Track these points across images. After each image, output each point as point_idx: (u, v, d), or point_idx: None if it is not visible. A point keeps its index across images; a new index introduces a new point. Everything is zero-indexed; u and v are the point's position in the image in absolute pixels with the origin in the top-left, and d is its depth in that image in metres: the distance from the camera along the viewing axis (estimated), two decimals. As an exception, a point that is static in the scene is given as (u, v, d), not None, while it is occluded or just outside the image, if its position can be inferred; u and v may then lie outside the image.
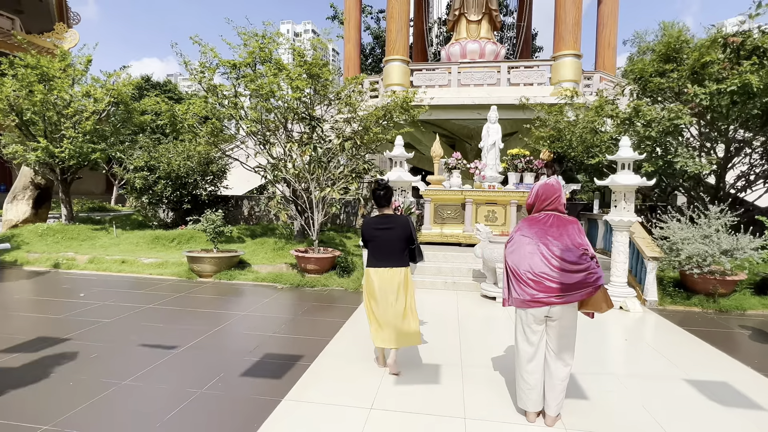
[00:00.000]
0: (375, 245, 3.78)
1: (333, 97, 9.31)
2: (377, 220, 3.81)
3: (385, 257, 3.72)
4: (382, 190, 3.82)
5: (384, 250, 3.73)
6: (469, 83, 15.62)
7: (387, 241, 3.72)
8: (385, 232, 3.73)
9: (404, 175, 6.79)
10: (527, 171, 9.57)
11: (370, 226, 3.81)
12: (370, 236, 3.79)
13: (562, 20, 15.05)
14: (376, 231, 3.76)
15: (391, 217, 3.83)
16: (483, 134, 9.93)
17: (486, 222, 9.39)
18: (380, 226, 3.76)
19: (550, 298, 2.95)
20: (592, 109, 8.95)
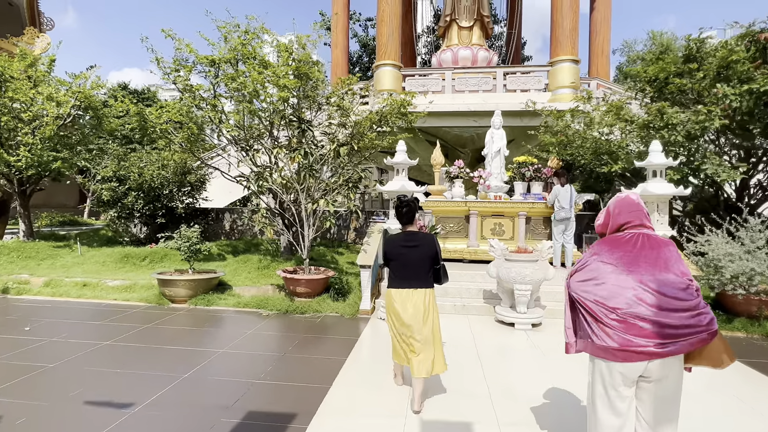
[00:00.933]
0: (398, 264, 3.57)
1: (323, 101, 8.48)
2: (402, 237, 3.62)
3: (408, 277, 3.52)
4: (405, 207, 3.63)
5: (408, 270, 3.53)
6: (464, 89, 14.98)
7: (412, 260, 3.52)
8: (411, 250, 3.53)
9: (408, 185, 5.97)
10: (535, 180, 8.83)
11: (396, 243, 3.60)
12: (395, 254, 3.57)
13: (559, 24, 14.57)
14: (401, 249, 3.56)
15: (416, 234, 3.63)
16: (487, 140, 9.19)
17: (493, 236, 8.59)
18: (406, 244, 3.56)
19: (647, 348, 2.12)
20: (607, 113, 8.28)
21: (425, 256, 3.54)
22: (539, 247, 6.07)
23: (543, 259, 5.97)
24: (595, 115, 8.90)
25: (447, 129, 15.22)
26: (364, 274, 6.37)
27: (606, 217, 2.56)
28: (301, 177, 6.39)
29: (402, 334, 3.49)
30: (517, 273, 5.81)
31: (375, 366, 4.45)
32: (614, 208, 2.53)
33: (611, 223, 2.50)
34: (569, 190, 7.92)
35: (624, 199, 2.54)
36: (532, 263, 5.88)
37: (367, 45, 29.81)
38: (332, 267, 8.37)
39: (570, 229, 7.94)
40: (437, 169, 8.93)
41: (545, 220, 8.54)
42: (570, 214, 7.87)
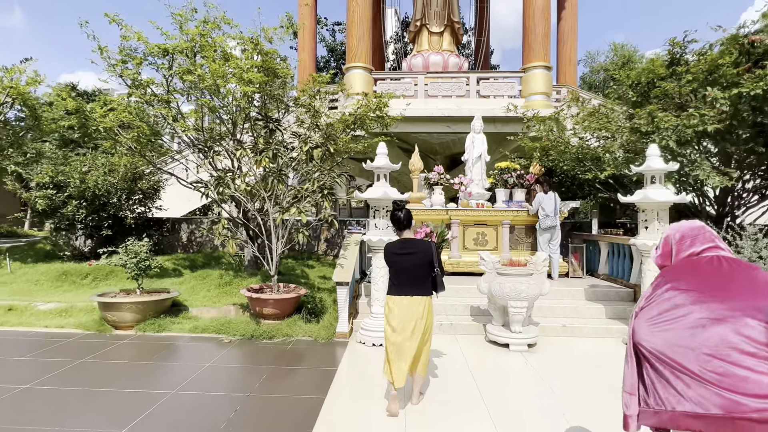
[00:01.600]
0: (395, 271, 3.60)
1: (291, 103, 7.75)
2: (398, 244, 3.64)
3: (405, 284, 3.52)
4: (401, 212, 3.65)
5: (404, 277, 3.53)
6: (437, 94, 14.58)
7: (408, 267, 3.52)
8: (407, 257, 3.53)
9: (391, 192, 5.33)
10: (518, 187, 8.41)
11: (391, 250, 3.62)
12: (390, 262, 3.60)
13: (531, 30, 14.46)
14: (395, 256, 3.57)
15: (412, 241, 3.65)
16: (467, 145, 8.71)
17: (475, 246, 8.07)
18: (401, 251, 3.56)
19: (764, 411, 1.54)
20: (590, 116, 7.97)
21: (422, 263, 3.51)
22: (533, 260, 5.57)
23: (538, 272, 5.47)
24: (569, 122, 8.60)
25: (417, 134, 14.72)
26: (341, 292, 5.66)
27: (666, 247, 2.03)
28: (269, 183, 5.63)
29: (397, 338, 3.44)
30: (512, 288, 5.27)
31: (360, 405, 3.76)
32: (682, 237, 2.00)
33: (681, 253, 1.96)
34: (553, 198, 7.54)
35: (693, 225, 2.02)
36: (527, 277, 5.36)
37: (334, 50, 29.21)
38: (303, 283, 7.60)
39: (556, 238, 7.54)
40: (416, 176, 8.36)
41: (529, 228, 8.11)
42: (555, 222, 7.48)
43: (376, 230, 5.47)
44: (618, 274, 7.33)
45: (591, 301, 6.67)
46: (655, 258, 2.07)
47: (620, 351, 5.40)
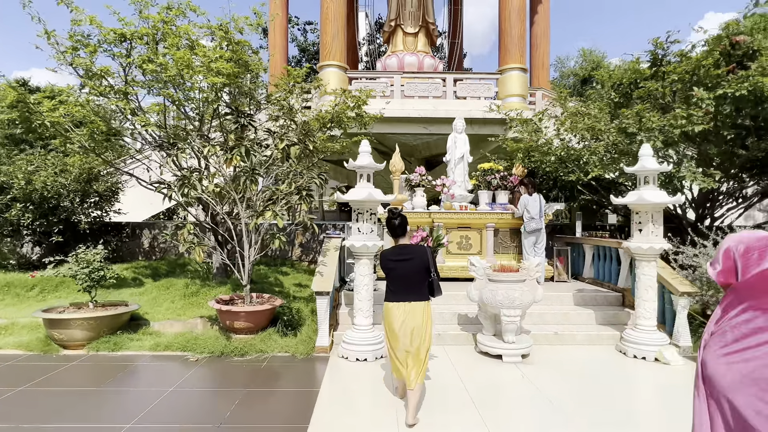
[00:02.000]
0: (392, 278, 3.62)
1: (264, 100, 7.23)
2: (394, 251, 3.67)
3: (403, 290, 3.56)
4: (397, 219, 3.69)
5: (402, 283, 3.57)
6: (414, 95, 14.30)
7: (405, 274, 3.56)
8: (403, 263, 3.56)
9: (375, 193, 4.91)
10: (501, 189, 8.16)
11: (387, 257, 3.65)
12: (387, 267, 3.62)
13: (507, 32, 14.40)
14: (392, 262, 3.60)
15: (408, 247, 3.68)
16: (449, 146, 8.40)
17: (459, 250, 7.75)
18: (397, 258, 3.60)
19: None
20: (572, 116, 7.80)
21: (418, 269, 3.54)
22: (526, 265, 5.27)
23: (531, 278, 5.17)
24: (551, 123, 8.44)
25: (394, 136, 14.37)
26: (321, 303, 5.19)
27: (728, 261, 1.70)
28: (241, 183, 5.11)
29: (396, 349, 3.49)
30: (504, 296, 4.95)
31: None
32: (747, 249, 1.68)
33: (750, 268, 1.64)
34: (538, 200, 7.31)
35: (759, 235, 1.71)
36: (520, 284, 5.05)
37: (306, 50, 28.61)
38: (277, 292, 7.06)
39: (541, 241, 7.31)
40: (396, 177, 7.97)
41: (513, 232, 7.86)
42: (541, 224, 7.25)
43: (359, 235, 5.04)
44: (604, 278, 7.16)
45: (580, 306, 6.45)
46: (715, 275, 1.74)
47: (615, 359, 5.16)
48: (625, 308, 6.34)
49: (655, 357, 5.05)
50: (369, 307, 5.11)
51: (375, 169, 5.13)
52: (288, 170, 5.61)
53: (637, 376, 4.72)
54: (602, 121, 7.20)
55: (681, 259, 5.88)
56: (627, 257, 6.55)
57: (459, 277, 7.45)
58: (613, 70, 7.98)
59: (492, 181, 8.08)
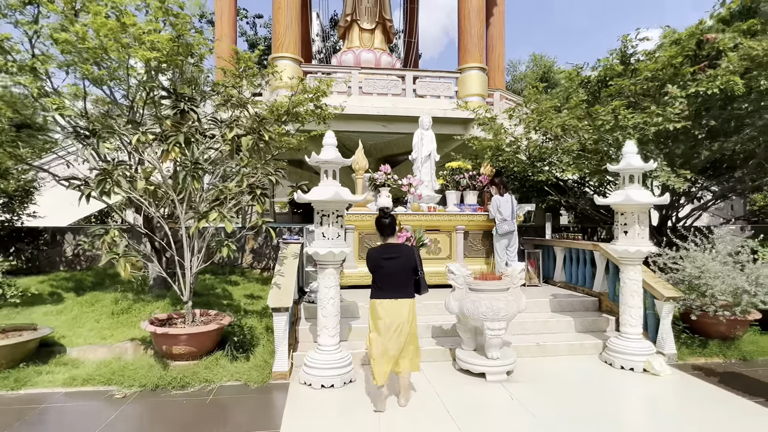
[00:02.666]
0: (380, 276, 3.74)
1: (209, 88, 6.35)
2: (383, 249, 3.80)
3: (390, 288, 3.70)
4: (387, 218, 3.82)
5: (390, 281, 3.71)
6: (372, 92, 13.71)
7: (393, 272, 3.71)
8: (391, 261, 3.72)
9: (343, 192, 4.23)
10: (469, 189, 7.72)
11: (376, 255, 3.77)
12: (376, 266, 3.75)
13: (467, 31, 14.18)
14: (382, 261, 3.73)
15: (396, 246, 3.84)
16: (414, 143, 7.86)
17: (428, 254, 7.22)
18: (386, 256, 3.74)
19: None
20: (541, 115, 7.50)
21: (406, 267, 3.74)
22: (509, 272, 4.79)
23: (515, 286, 4.70)
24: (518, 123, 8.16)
25: (350, 134, 13.68)
26: (279, 321, 4.44)
27: None
28: (180, 180, 4.24)
29: (381, 339, 3.61)
30: (488, 307, 4.44)
31: None
32: None
33: None
34: (510, 200, 6.92)
35: None
36: (504, 293, 4.57)
37: (255, 44, 27.27)
38: (226, 306, 6.19)
39: (513, 244, 6.92)
40: (360, 176, 7.31)
41: (484, 235, 7.44)
42: (513, 226, 6.87)
43: (323, 241, 4.34)
44: (577, 282, 6.89)
45: (558, 313, 6.09)
46: None
47: (604, 371, 4.80)
48: (602, 314, 6.05)
49: (644, 368, 4.73)
50: (335, 324, 4.42)
51: (342, 165, 4.45)
52: (238, 166, 4.80)
53: (632, 390, 4.36)
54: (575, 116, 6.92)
55: (661, 262, 5.66)
56: (603, 260, 6.29)
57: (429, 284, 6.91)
58: (581, 67, 7.76)
59: (461, 180, 7.62)
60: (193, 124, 4.23)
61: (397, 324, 3.61)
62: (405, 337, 3.65)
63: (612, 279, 6.09)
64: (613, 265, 6.10)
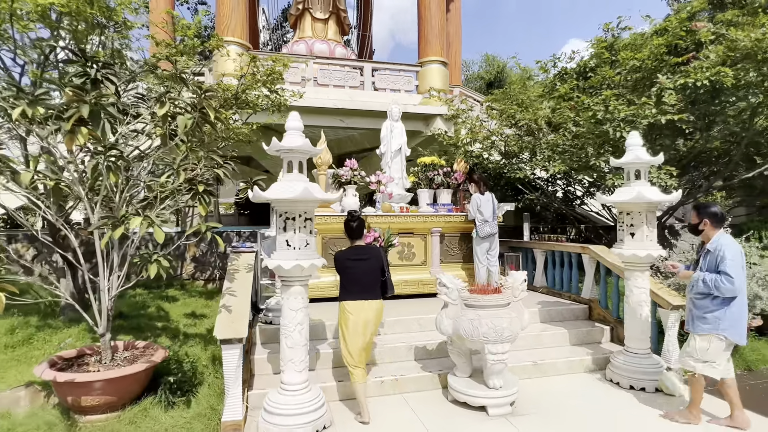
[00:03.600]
0: (348, 278, 3.71)
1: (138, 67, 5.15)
2: (351, 251, 3.77)
3: (360, 290, 3.66)
4: (355, 222, 3.81)
5: (359, 283, 3.68)
6: (328, 83, 12.74)
7: (362, 273, 3.69)
8: (360, 263, 3.70)
9: (314, 189, 3.32)
10: (443, 187, 7.00)
11: (345, 257, 3.74)
12: (344, 267, 3.72)
13: (427, 22, 13.57)
14: (350, 262, 3.71)
15: (364, 248, 3.84)
16: (383, 135, 7.03)
17: (402, 261, 6.41)
18: (354, 258, 3.72)
19: None
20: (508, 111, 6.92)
21: (374, 268, 3.73)
22: (510, 282, 4.07)
23: (516, 299, 3.99)
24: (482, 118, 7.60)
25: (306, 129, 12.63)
26: (230, 356, 3.43)
27: None
28: (90, 172, 3.12)
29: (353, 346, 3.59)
30: (490, 327, 3.70)
31: None
32: None
33: None
34: (491, 199, 6.27)
35: None
36: (507, 309, 3.84)
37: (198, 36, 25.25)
38: (160, 330, 5.05)
39: (495, 247, 6.27)
40: (322, 171, 6.36)
41: (462, 237, 6.75)
42: (495, 228, 6.21)
43: (288, 251, 3.40)
44: (562, 287, 6.36)
45: (548, 323, 5.50)
46: None
47: (616, 394, 4.19)
48: (594, 323, 5.53)
49: (656, 387, 4.19)
50: (303, 355, 3.49)
51: (311, 155, 3.53)
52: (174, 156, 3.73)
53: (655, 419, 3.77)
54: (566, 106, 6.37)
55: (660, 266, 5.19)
56: (592, 264, 5.78)
57: (403, 294, 6.13)
58: (558, 58, 7.28)
59: (435, 178, 6.88)
60: (108, 96, 3.12)
61: (364, 322, 3.62)
62: (370, 336, 3.69)
63: (603, 285, 5.60)
64: (604, 269, 5.61)
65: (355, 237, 3.83)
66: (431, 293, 6.31)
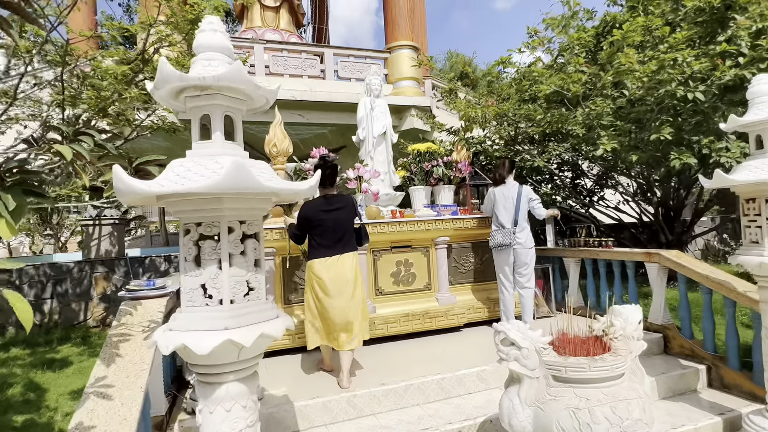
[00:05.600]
0: (322, 230, 3.28)
1: None
2: (323, 201, 3.34)
3: (333, 243, 3.28)
4: (328, 169, 3.42)
5: (334, 236, 3.29)
6: (283, 72, 10.84)
7: (337, 224, 3.30)
8: (334, 213, 3.30)
9: (257, 169, 1.49)
10: (442, 182, 5.26)
11: (316, 208, 3.28)
12: (318, 221, 3.26)
13: (395, 3, 11.97)
14: (323, 213, 3.28)
15: (337, 197, 3.40)
16: (360, 116, 5.23)
17: (398, 286, 4.59)
18: (328, 208, 3.30)
19: None
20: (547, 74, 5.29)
21: (349, 218, 3.39)
22: (617, 325, 2.35)
23: (633, 355, 2.28)
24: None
25: (254, 127, 10.54)
26: None
27: None
28: None
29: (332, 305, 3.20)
30: (611, 420, 1.95)
31: None
32: None
33: None
34: (514, 195, 4.53)
35: None
36: (626, 380, 2.12)
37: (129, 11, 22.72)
38: (24, 428, 2.96)
39: (526, 261, 4.50)
40: (279, 164, 4.45)
41: (474, 248, 5.02)
42: (513, 239, 4.42)
43: (203, 311, 1.51)
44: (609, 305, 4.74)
45: (618, 366, 3.83)
46: None
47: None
48: (679, 359, 3.92)
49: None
50: None
51: (256, 97, 1.68)
52: None
53: None
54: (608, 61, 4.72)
55: None
56: (662, 276, 4.21)
57: (402, 333, 4.33)
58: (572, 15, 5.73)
59: (434, 170, 5.13)
60: None
61: (341, 284, 3.20)
62: (356, 304, 3.27)
63: (685, 304, 4.03)
64: (684, 283, 4.04)
65: (327, 185, 3.36)
66: (441, 329, 4.55)
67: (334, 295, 3.20)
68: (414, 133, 10.70)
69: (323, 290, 3.22)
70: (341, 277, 3.23)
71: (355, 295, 3.27)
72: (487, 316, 4.82)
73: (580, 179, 7.60)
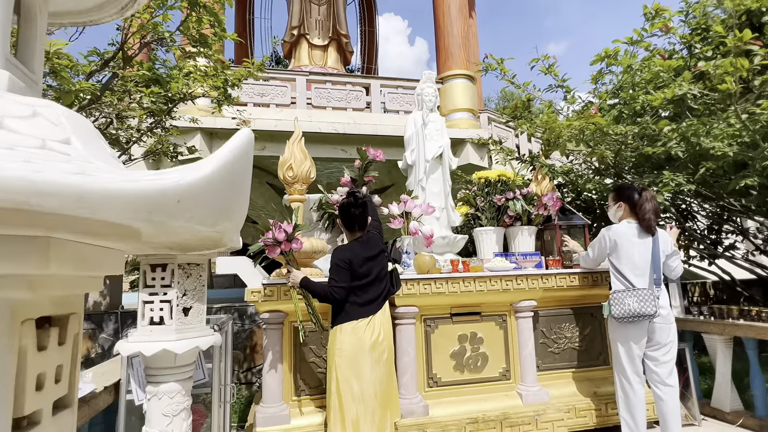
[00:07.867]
0: (364, 285, 2.48)
1: None
2: (360, 245, 2.56)
3: (376, 297, 2.52)
4: (359, 208, 2.58)
5: (377, 288, 2.54)
6: (326, 105, 10.06)
7: (381, 274, 2.60)
8: (379, 260, 2.59)
9: None
10: (519, 222, 3.83)
11: (360, 255, 2.49)
12: (366, 272, 2.48)
13: (446, 31, 11.11)
14: (369, 261, 2.52)
15: (372, 240, 2.63)
16: (408, 136, 4.02)
17: (460, 372, 3.11)
18: (371, 254, 2.54)
19: None
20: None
21: (386, 264, 2.68)
22: None
23: None
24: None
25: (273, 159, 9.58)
26: None
27: None
28: None
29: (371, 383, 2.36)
30: None
31: None
32: None
33: None
34: (651, 242, 2.93)
35: None
36: None
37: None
38: None
39: (666, 342, 2.86)
40: (297, 193, 3.24)
41: (575, 317, 3.48)
42: (654, 307, 2.82)
43: None
44: None
45: None
46: None
47: None
48: None
49: None
50: None
51: None
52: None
53: None
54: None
55: None
56: None
57: (473, 455, 2.81)
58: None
59: (510, 205, 3.72)
60: None
61: (379, 344, 2.42)
62: (389, 366, 2.50)
63: None
64: None
65: (359, 229, 2.59)
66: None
67: (374, 366, 2.40)
68: (470, 170, 9.39)
69: (353, 360, 2.36)
70: (377, 338, 2.44)
71: (385, 364, 2.47)
72: (595, 424, 3.20)
73: (687, 221, 5.86)
